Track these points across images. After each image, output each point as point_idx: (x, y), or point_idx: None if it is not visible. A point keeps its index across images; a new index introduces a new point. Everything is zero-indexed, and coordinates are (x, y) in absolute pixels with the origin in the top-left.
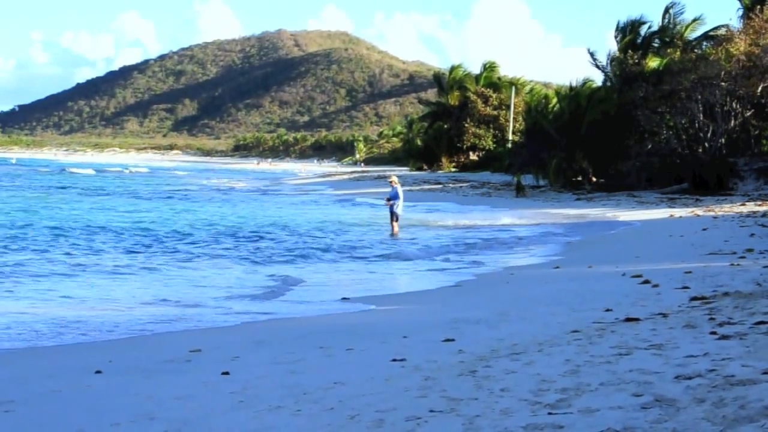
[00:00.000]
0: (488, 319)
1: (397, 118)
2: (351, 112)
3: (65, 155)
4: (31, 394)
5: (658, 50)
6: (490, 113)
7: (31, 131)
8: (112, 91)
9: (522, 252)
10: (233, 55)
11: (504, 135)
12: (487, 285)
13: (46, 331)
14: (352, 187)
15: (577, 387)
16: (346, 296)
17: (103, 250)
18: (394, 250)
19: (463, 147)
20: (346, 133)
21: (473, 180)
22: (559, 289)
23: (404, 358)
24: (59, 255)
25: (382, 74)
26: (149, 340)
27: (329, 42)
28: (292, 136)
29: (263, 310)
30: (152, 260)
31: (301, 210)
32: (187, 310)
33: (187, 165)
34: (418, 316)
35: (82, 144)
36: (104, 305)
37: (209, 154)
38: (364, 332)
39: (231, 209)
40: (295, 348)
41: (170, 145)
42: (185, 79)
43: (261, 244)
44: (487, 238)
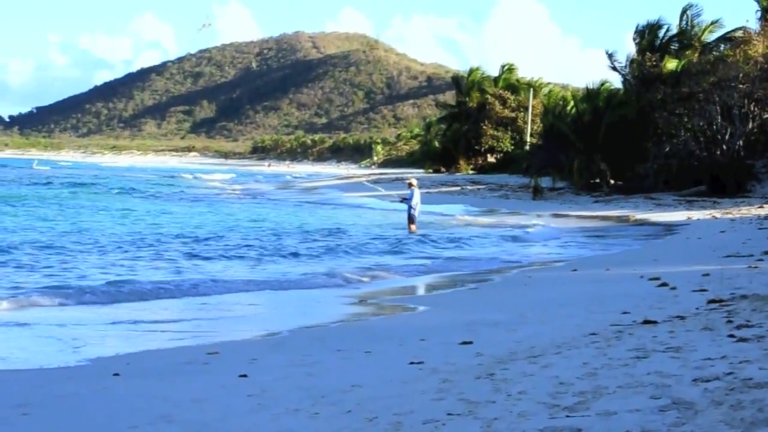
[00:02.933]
0: (506, 322)
1: (415, 121)
2: (369, 114)
3: (83, 157)
4: (49, 397)
5: (676, 52)
6: (508, 115)
7: (49, 133)
8: (130, 93)
9: (540, 253)
10: (251, 57)
11: (522, 137)
12: (504, 287)
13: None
14: (370, 190)
15: (595, 390)
16: (362, 299)
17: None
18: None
19: (480, 149)
20: (364, 135)
21: (491, 182)
22: (577, 292)
23: (422, 360)
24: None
25: (401, 76)
26: (166, 342)
27: (347, 44)
28: (310, 138)
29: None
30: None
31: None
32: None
33: (224, 168)
34: (435, 318)
35: (99, 146)
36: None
37: (227, 156)
38: (381, 335)
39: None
40: (312, 350)
41: (188, 147)
42: (203, 81)
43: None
44: (505, 237)
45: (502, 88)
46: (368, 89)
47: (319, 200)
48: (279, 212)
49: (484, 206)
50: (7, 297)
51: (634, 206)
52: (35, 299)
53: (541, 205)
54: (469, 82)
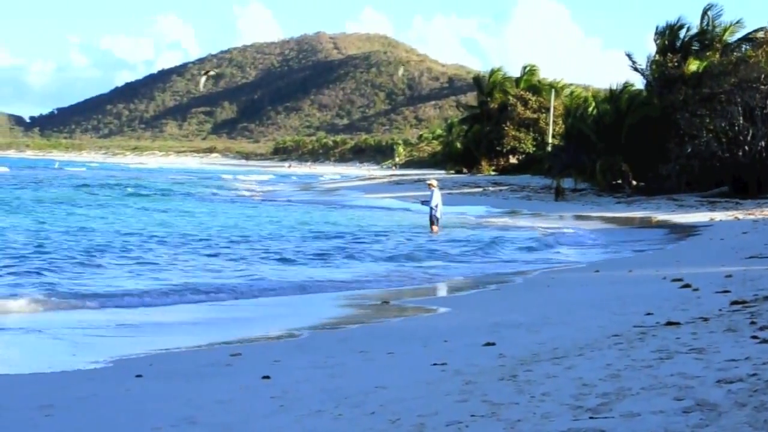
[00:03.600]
0: (529, 323)
1: (436, 121)
2: (390, 115)
3: (104, 158)
4: (71, 399)
5: (697, 53)
6: (529, 116)
7: (70, 134)
8: (151, 94)
9: (561, 254)
10: (272, 58)
11: (544, 138)
12: (527, 289)
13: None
14: (390, 191)
15: (618, 391)
16: (385, 300)
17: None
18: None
19: (502, 150)
20: (386, 136)
21: (513, 183)
22: (600, 293)
23: (445, 362)
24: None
25: (422, 77)
26: (189, 343)
27: (368, 45)
28: (332, 139)
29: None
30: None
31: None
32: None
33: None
34: (458, 319)
35: (121, 147)
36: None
37: (248, 157)
38: (404, 336)
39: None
40: (335, 352)
41: (209, 148)
42: (224, 82)
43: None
44: (527, 239)
45: (523, 89)
46: (389, 90)
47: (341, 202)
48: (317, 214)
49: (506, 207)
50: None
51: (656, 207)
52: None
53: (563, 207)
54: (490, 83)
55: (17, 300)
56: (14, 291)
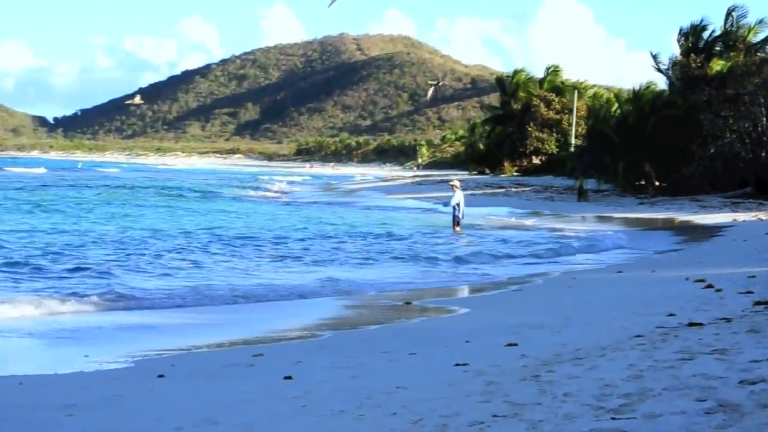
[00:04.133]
0: (551, 324)
1: (459, 122)
2: (413, 116)
3: (127, 159)
4: (94, 398)
5: (721, 54)
6: (552, 117)
7: (93, 135)
8: (174, 95)
9: (584, 256)
10: (295, 59)
11: (567, 139)
12: (549, 289)
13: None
14: (413, 192)
15: (640, 392)
16: (408, 300)
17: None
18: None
19: (525, 151)
20: (409, 137)
21: (536, 184)
22: (622, 294)
23: (467, 362)
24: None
25: (445, 78)
26: (211, 343)
27: (391, 46)
28: (355, 140)
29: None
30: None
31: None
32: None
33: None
34: (480, 320)
35: (144, 148)
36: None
37: (271, 158)
38: (426, 336)
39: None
40: (357, 352)
41: (232, 149)
42: (247, 83)
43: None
44: (550, 240)
45: (546, 89)
46: (413, 91)
47: (364, 203)
48: (347, 216)
49: (528, 208)
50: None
51: (679, 208)
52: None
53: (585, 207)
54: (513, 84)
55: (65, 302)
56: (70, 292)
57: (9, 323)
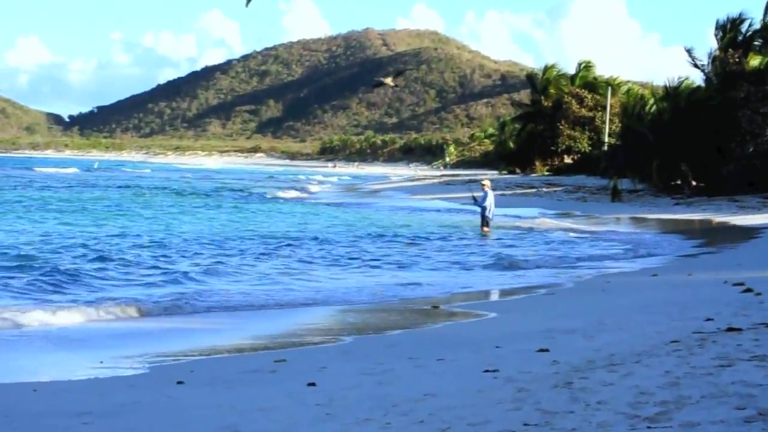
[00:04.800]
0: (584, 329)
1: (488, 120)
2: (441, 113)
3: (145, 158)
4: (110, 405)
5: (760, 48)
6: (585, 114)
7: (110, 133)
8: (194, 92)
9: (620, 259)
10: (319, 54)
11: (600, 137)
12: (582, 293)
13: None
14: (440, 192)
15: (677, 400)
16: (435, 305)
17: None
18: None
19: (557, 150)
20: (436, 135)
21: (568, 184)
22: (658, 298)
23: (497, 368)
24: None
25: (474, 74)
26: (231, 347)
27: (418, 41)
28: (380, 138)
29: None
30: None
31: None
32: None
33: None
34: (510, 325)
35: (162, 147)
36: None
37: (294, 157)
38: (455, 342)
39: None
40: (383, 358)
41: (254, 147)
42: (269, 79)
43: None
44: (584, 242)
45: (579, 86)
46: (440, 88)
47: (393, 205)
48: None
49: (560, 209)
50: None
51: (716, 209)
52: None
53: (619, 208)
54: (544, 80)
55: (106, 308)
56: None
57: (33, 330)
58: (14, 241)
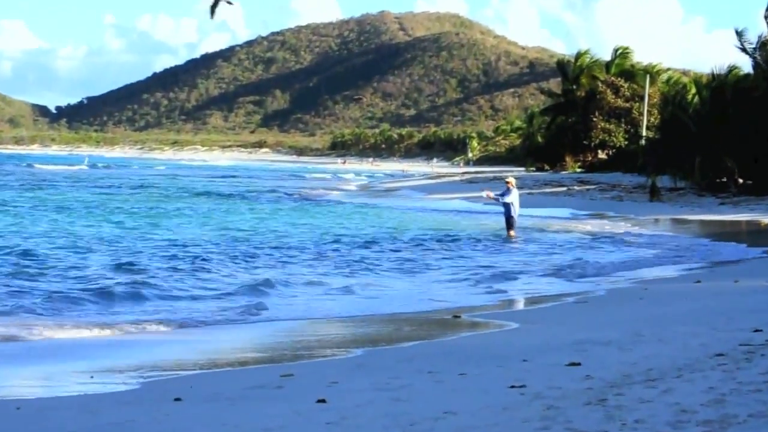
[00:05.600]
0: (619, 340)
1: (515, 112)
2: (463, 104)
3: (139, 154)
4: (103, 425)
5: None
6: (621, 105)
7: (101, 127)
8: (193, 81)
9: (659, 265)
10: (330, 40)
11: (637, 130)
12: (617, 301)
13: None
14: (462, 191)
15: (722, 419)
16: (456, 314)
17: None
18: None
19: (590, 144)
20: (458, 128)
21: (602, 182)
22: (701, 306)
23: (524, 384)
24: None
25: (499, 62)
26: (234, 360)
27: (438, 26)
28: (397, 132)
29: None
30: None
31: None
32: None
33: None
34: (539, 336)
35: (159, 141)
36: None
37: (302, 152)
38: (478, 354)
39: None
40: (400, 372)
41: (259, 142)
42: (276, 67)
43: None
44: (620, 246)
45: (614, 74)
46: (462, 76)
47: (412, 206)
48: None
49: (593, 209)
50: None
51: (765, 209)
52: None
53: (658, 208)
54: (576, 68)
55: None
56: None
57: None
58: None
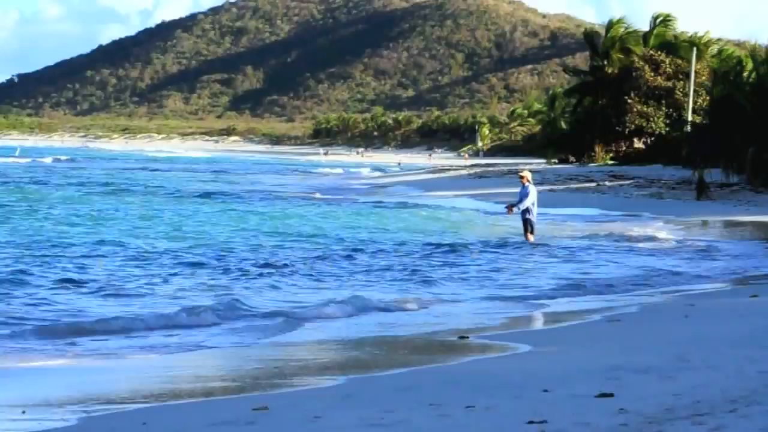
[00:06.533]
0: (659, 367)
1: (534, 93)
2: (471, 84)
3: (82, 142)
4: None
5: None
6: (662, 84)
7: (36, 110)
8: (147, 56)
9: (707, 276)
10: (312, 7)
11: (681, 114)
12: (656, 319)
13: None
14: (472, 187)
15: None
16: (464, 335)
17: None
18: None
19: (624, 131)
20: (465, 113)
21: (638, 176)
22: (758, 326)
23: (544, 419)
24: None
25: (515, 33)
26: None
27: None
28: (392, 117)
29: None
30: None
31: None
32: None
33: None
34: (563, 361)
35: (106, 128)
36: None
37: (279, 141)
38: (489, 383)
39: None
40: (395, 404)
41: (227, 129)
42: (247, 39)
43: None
44: (659, 253)
45: (653, 47)
46: (470, 50)
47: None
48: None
49: (626, 209)
50: None
51: None
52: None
53: (707, 208)
54: (608, 41)
55: None
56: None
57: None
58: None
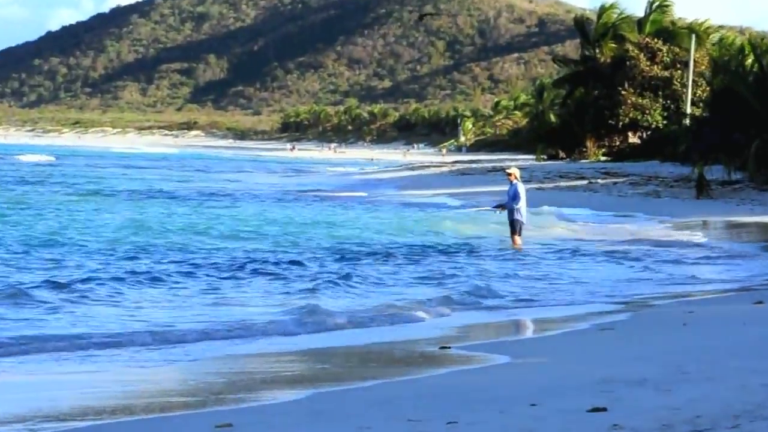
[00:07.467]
0: (656, 379)
1: (520, 84)
2: (453, 74)
3: (30, 138)
4: None
5: None
6: (658, 74)
7: None
8: (100, 43)
9: (707, 281)
10: None
11: (679, 106)
12: (652, 327)
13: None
14: (451, 185)
15: None
16: (444, 345)
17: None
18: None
19: (617, 125)
20: (446, 105)
21: (633, 173)
22: (763, 335)
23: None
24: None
25: (499, 19)
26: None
27: None
28: (367, 110)
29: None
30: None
31: None
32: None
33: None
34: (552, 372)
35: (55, 121)
36: None
37: (245, 136)
38: (472, 397)
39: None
40: (370, 421)
41: (187, 123)
42: (209, 26)
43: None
44: (656, 256)
45: (649, 34)
46: (452, 38)
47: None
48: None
49: (620, 209)
50: None
51: None
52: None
53: (707, 207)
54: (600, 27)
55: None
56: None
57: None
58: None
